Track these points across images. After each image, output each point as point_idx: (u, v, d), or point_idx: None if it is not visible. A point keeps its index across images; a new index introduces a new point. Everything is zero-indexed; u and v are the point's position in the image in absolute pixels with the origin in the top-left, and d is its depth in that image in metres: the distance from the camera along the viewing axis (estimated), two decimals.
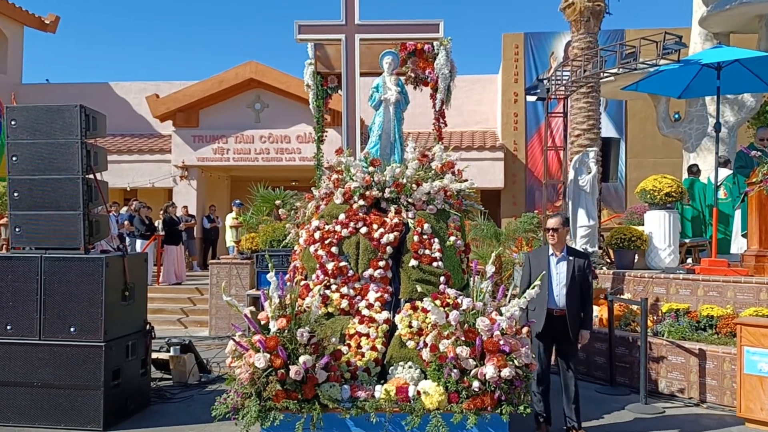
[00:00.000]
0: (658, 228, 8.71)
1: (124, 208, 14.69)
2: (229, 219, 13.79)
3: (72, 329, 5.67)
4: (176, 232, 14.01)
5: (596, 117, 10.52)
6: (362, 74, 7.10)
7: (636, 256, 8.92)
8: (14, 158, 5.97)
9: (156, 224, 14.25)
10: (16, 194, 5.97)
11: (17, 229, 5.98)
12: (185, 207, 16.05)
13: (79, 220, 5.85)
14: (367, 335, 5.23)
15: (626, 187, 17.25)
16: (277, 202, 11.04)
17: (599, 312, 7.76)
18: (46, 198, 5.90)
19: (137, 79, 23.99)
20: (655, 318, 7.34)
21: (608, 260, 9.73)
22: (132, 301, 6.12)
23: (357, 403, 4.63)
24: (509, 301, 4.93)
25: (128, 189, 17.60)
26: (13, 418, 5.66)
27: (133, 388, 6.07)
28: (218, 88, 16.80)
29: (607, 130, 16.17)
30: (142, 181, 17.57)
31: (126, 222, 13.38)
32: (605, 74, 9.62)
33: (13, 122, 5.99)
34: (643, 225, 9.42)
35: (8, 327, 5.75)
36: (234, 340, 4.79)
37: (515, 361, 4.57)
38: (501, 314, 4.79)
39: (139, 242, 13.29)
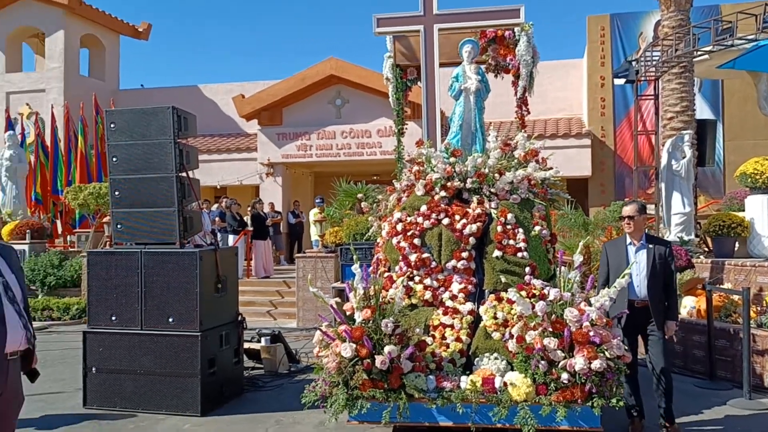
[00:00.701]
0: (761, 213, 8.15)
1: (215, 205, 15.31)
2: (312, 215, 14.09)
3: (170, 320, 5.98)
4: (264, 228, 14.48)
5: (690, 98, 9.98)
6: (442, 65, 7.06)
7: (736, 244, 8.40)
8: (114, 159, 6.35)
9: (245, 220, 14.77)
10: (117, 193, 6.35)
11: (119, 226, 6.36)
12: (271, 203, 16.53)
13: (175, 217, 6.15)
14: (452, 326, 5.21)
15: (724, 171, 16.26)
16: (360, 195, 11.20)
17: (696, 303, 7.37)
18: (143, 196, 6.24)
19: (224, 80, 24.96)
20: (758, 309, 6.89)
21: (706, 249, 9.23)
22: (224, 293, 6.38)
23: (443, 394, 4.63)
24: (598, 292, 4.77)
25: (218, 187, 18.33)
26: (120, 403, 6.04)
27: (227, 376, 6.34)
28: (300, 85, 17.17)
29: (703, 111, 15.28)
30: (231, 179, 18.26)
31: (217, 218, 13.95)
32: (699, 53, 9.08)
33: (112, 125, 6.37)
34: (743, 211, 8.85)
35: (113, 318, 6.13)
36: (321, 330, 4.90)
37: (606, 353, 4.41)
38: (590, 305, 4.64)
39: (230, 237, 13.82)
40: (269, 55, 59.83)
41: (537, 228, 5.72)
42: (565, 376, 4.41)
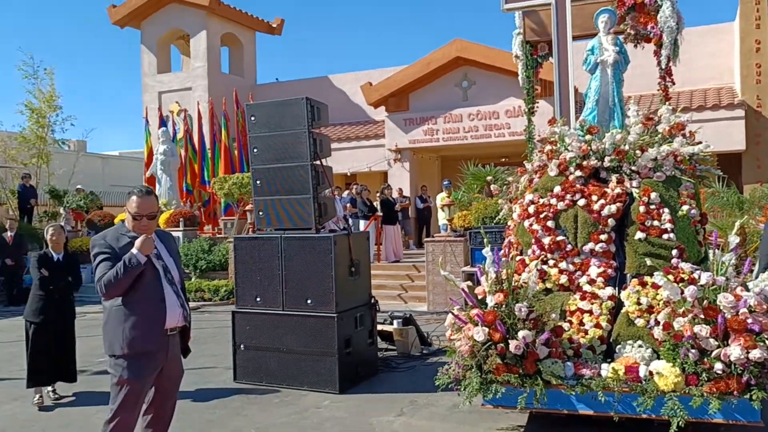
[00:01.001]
0: None
1: (346, 192, 15.78)
2: (439, 199, 14.10)
3: (309, 301, 6.26)
4: (393, 213, 14.71)
5: None
6: (575, 38, 6.74)
7: None
8: (255, 150, 6.72)
9: (375, 205, 15.09)
10: (258, 182, 6.72)
11: (260, 213, 6.74)
12: (400, 188, 16.74)
13: (310, 203, 6.41)
14: (590, 312, 4.99)
15: None
16: (489, 178, 11.02)
17: None
18: (281, 184, 6.56)
19: (352, 69, 25.53)
20: None
21: None
22: (358, 276, 6.56)
23: (582, 381, 4.45)
24: (756, 276, 4.34)
25: (348, 174, 18.84)
26: (265, 378, 6.44)
27: (362, 357, 6.54)
28: (426, 70, 17.16)
29: None
30: (360, 166, 18.69)
31: (348, 204, 14.38)
32: None
33: (252, 118, 6.74)
34: None
35: (258, 299, 6.53)
36: (453, 313, 4.89)
37: (767, 342, 4.03)
38: (747, 290, 4.24)
39: (361, 222, 14.20)
40: (395, 42, 60.43)
41: (685, 207, 5.30)
42: (718, 366, 4.08)
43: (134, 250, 3.58)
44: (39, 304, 6.01)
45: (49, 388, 6.13)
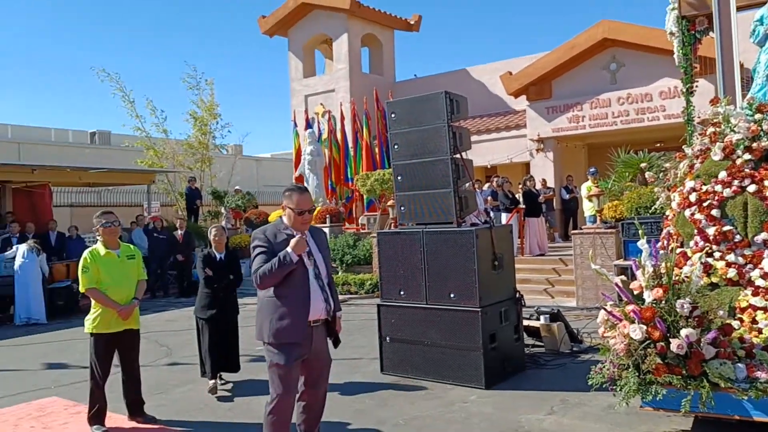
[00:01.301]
0: None
1: (486, 185, 15.57)
2: (584, 188, 13.44)
3: (451, 295, 6.25)
4: (536, 205, 14.28)
5: None
6: (739, 8, 6.10)
7: None
8: (396, 146, 6.83)
9: (517, 198, 14.75)
10: (399, 178, 6.83)
11: (402, 208, 6.84)
12: (543, 179, 16.22)
13: (451, 197, 6.39)
14: (764, 309, 4.51)
15: None
16: (643, 165, 10.33)
17: None
18: (422, 179, 6.60)
19: (491, 60, 25.14)
20: None
21: None
22: (501, 270, 6.44)
23: (756, 385, 4.03)
24: None
25: (488, 167, 18.59)
26: (410, 371, 6.53)
27: (508, 352, 6.41)
28: (569, 54, 16.44)
29: None
30: (501, 158, 18.35)
31: (489, 197, 14.17)
32: None
33: (393, 115, 6.85)
34: None
35: (402, 292, 6.63)
36: (606, 310, 4.63)
37: None
38: None
39: (503, 215, 13.94)
40: (535, 27, 58.60)
41: None
42: None
43: (288, 249, 3.86)
44: (206, 301, 6.50)
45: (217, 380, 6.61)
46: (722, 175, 5.16)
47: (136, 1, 75.61)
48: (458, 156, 6.44)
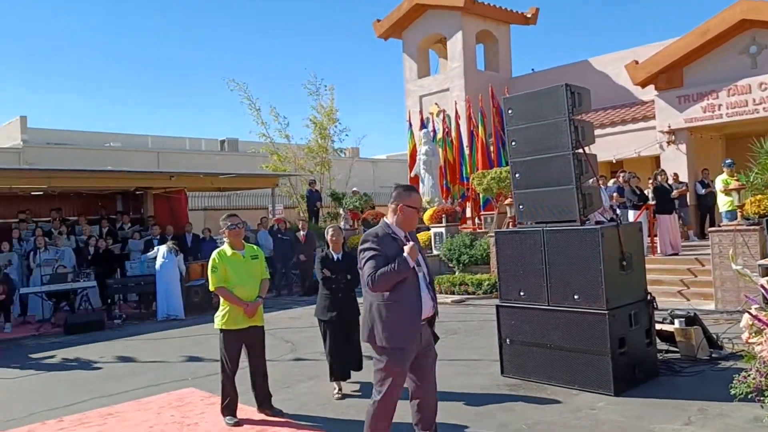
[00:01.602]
0: None
1: (611, 181, 14.82)
2: (719, 182, 12.37)
3: (575, 297, 5.98)
4: (668, 201, 13.37)
5: None
6: None
7: None
8: (513, 143, 6.65)
9: (646, 194, 13.91)
10: (517, 175, 6.64)
11: (521, 206, 6.65)
12: (675, 173, 15.16)
13: (573, 194, 6.12)
14: None
15: None
16: None
17: None
18: (541, 176, 6.38)
19: (614, 49, 23.92)
20: None
21: None
22: (630, 270, 6.08)
23: None
24: None
25: (614, 161, 17.68)
26: (533, 373, 6.32)
27: (639, 358, 6.04)
28: (702, 39, 15.27)
29: None
30: (627, 152, 17.41)
31: (614, 194, 13.46)
32: None
33: (510, 111, 6.68)
34: None
35: (521, 293, 6.44)
36: (750, 313, 4.24)
37: None
38: None
39: (630, 212, 13.21)
40: (664, 13, 55.11)
41: None
42: None
43: (405, 255, 3.97)
44: (326, 302, 6.50)
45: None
46: None
47: (266, 12, 79.78)
48: (581, 151, 6.16)
